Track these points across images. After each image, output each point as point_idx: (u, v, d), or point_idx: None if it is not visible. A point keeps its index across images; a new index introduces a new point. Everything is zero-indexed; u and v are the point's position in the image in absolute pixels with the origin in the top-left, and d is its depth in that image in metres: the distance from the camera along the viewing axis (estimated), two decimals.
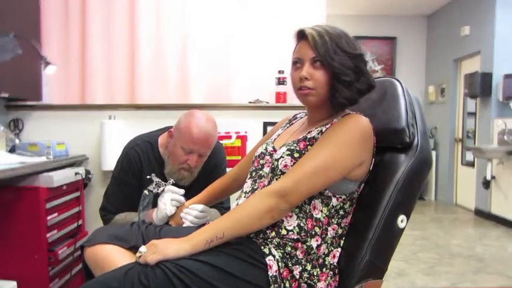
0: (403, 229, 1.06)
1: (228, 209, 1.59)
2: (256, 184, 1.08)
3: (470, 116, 5.00)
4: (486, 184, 4.25)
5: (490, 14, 4.39)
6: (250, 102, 2.27)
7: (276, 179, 1.01)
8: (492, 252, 3.20)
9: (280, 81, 2.25)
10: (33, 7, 2.19)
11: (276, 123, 1.36)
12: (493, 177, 4.19)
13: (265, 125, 2.23)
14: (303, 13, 2.33)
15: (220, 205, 1.57)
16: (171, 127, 1.57)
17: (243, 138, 2.19)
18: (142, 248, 0.93)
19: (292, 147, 1.04)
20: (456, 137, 5.25)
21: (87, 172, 2.16)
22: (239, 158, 2.13)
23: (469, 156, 4.84)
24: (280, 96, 2.26)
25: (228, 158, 1.77)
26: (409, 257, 3.06)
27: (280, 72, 2.25)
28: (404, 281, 2.59)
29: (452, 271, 2.77)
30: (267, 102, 2.27)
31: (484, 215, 4.40)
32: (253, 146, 1.36)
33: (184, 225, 1.30)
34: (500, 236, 3.72)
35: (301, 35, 1.07)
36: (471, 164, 4.83)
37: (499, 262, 2.96)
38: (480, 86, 4.35)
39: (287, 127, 1.23)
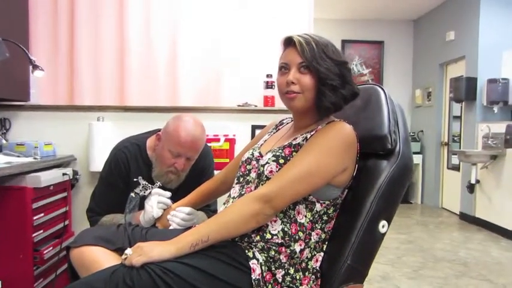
0: (384, 234, 1.09)
1: (215, 211, 1.61)
2: (244, 189, 1.10)
3: (456, 119, 5.10)
4: (471, 188, 4.33)
5: (474, 20, 4.49)
6: (238, 106, 2.30)
7: (262, 185, 1.04)
8: (475, 257, 3.26)
9: (269, 85, 2.28)
10: (21, 9, 2.18)
11: (264, 126, 1.38)
12: (477, 181, 4.27)
13: (254, 128, 2.25)
14: (290, 18, 2.37)
15: (207, 208, 1.59)
16: (159, 130, 1.58)
17: (231, 141, 2.22)
18: (128, 250, 0.94)
19: (277, 153, 1.06)
20: (442, 141, 5.34)
21: (75, 173, 2.16)
22: (227, 160, 2.15)
23: (455, 160, 4.92)
24: (268, 100, 2.29)
25: (216, 160, 1.78)
26: (394, 260, 3.11)
27: (268, 76, 2.28)
28: (388, 284, 2.63)
29: (436, 275, 2.82)
30: (256, 106, 2.30)
31: (468, 219, 4.48)
32: (241, 149, 1.38)
33: (171, 227, 1.31)
34: (484, 240, 3.79)
35: (288, 42, 1.09)
36: (456, 168, 4.91)
37: (482, 266, 3.02)
38: (465, 90, 4.44)
39: (273, 133, 1.25)
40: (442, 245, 3.61)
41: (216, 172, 1.55)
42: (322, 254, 1.07)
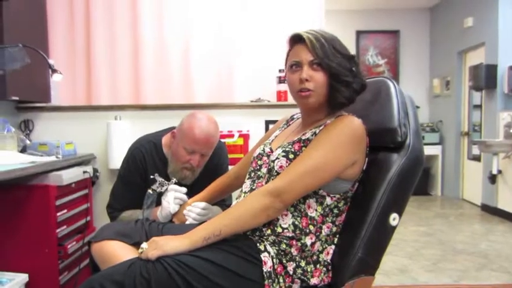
0: (395, 227, 1.09)
1: (229, 206, 1.64)
2: (255, 184, 1.12)
3: (476, 108, 4.97)
4: (492, 179, 4.23)
5: (493, 5, 4.33)
6: (252, 101, 2.32)
7: (272, 180, 1.06)
8: (497, 249, 3.19)
9: (281, 80, 2.28)
10: (40, 15, 2.25)
11: (277, 121, 1.40)
12: (499, 172, 4.17)
13: (267, 123, 2.27)
14: (301, 11, 2.37)
15: (222, 202, 1.62)
16: (174, 127, 1.62)
17: (245, 137, 2.24)
18: (144, 245, 0.99)
19: (287, 149, 1.08)
20: (462, 131, 5.22)
21: (95, 170, 2.23)
22: (242, 156, 2.18)
23: (476, 150, 4.80)
24: (281, 95, 2.30)
25: (230, 156, 1.82)
26: (412, 253, 3.08)
27: (281, 71, 2.28)
28: (406, 277, 2.61)
29: (456, 268, 2.77)
30: (269, 101, 2.32)
31: (490, 210, 4.38)
32: (255, 144, 1.40)
33: (187, 222, 1.35)
34: (507, 231, 3.70)
35: (297, 39, 1.10)
36: (477, 158, 4.80)
37: (504, 258, 2.95)
38: (485, 78, 4.31)
39: (284, 128, 1.27)
40: (462, 237, 3.55)
41: (230, 167, 1.58)
42: (333, 246, 1.08)
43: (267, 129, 2.26)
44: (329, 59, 1.04)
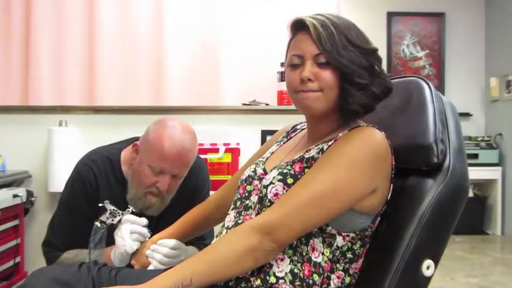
0: (429, 278, 1.10)
1: None
2: (241, 217, 1.13)
3: None
4: None
5: None
6: (244, 105, 2.34)
7: (264, 212, 1.06)
8: None
9: (283, 77, 2.31)
10: None
11: (276, 131, 1.41)
12: None
13: (264, 134, 2.29)
14: None
15: (201, 241, 1.63)
16: (137, 138, 1.64)
17: (234, 152, 2.25)
18: None
19: (285, 171, 1.09)
20: None
21: (30, 194, 2.23)
22: (229, 177, 2.19)
23: None
24: (284, 96, 2.33)
25: (213, 178, 1.83)
26: None
27: (283, 64, 2.31)
28: None
29: None
30: (267, 104, 2.34)
31: None
32: (245, 163, 1.42)
33: (150, 267, 1.35)
34: None
35: (299, 26, 1.12)
36: None
37: None
38: None
39: (284, 142, 1.29)
40: None
41: (212, 193, 1.59)
42: None
43: (263, 142, 2.28)
44: (338, 54, 1.06)
